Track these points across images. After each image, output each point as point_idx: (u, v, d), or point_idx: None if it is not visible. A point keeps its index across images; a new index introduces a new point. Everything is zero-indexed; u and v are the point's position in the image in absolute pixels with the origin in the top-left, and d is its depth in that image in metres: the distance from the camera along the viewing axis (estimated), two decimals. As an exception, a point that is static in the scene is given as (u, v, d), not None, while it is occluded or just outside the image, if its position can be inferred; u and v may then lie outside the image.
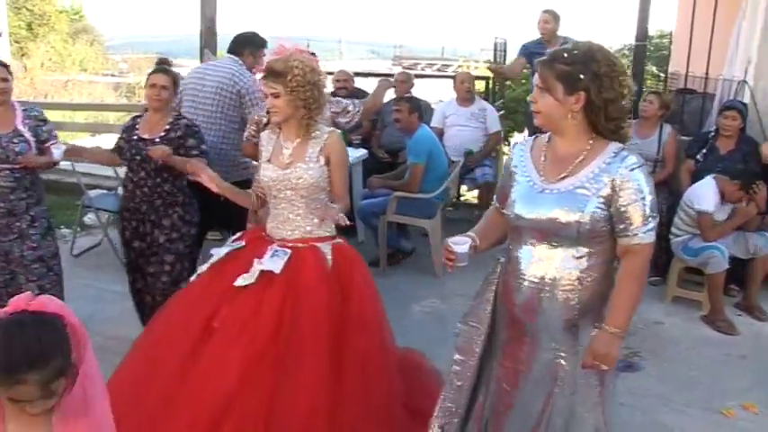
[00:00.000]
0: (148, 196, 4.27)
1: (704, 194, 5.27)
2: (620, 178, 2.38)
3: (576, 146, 2.46)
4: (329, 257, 3.28)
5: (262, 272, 3.16)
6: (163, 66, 4.46)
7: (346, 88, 7.05)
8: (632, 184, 2.37)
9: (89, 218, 6.84)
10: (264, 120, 4.40)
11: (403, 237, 6.19)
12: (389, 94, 7.36)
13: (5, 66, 4.20)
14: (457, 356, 2.79)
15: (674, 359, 4.68)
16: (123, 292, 4.70)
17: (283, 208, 3.34)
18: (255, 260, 3.21)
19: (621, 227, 2.41)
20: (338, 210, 3.12)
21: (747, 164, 5.63)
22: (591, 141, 2.44)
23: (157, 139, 4.20)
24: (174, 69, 4.52)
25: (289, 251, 3.23)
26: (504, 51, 9.01)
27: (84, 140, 11.39)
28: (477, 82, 8.20)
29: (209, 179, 3.34)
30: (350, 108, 4.79)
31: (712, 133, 5.93)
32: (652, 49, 12.96)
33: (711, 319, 5.19)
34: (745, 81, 6.29)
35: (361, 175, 6.56)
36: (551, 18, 6.75)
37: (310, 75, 3.24)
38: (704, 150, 5.85)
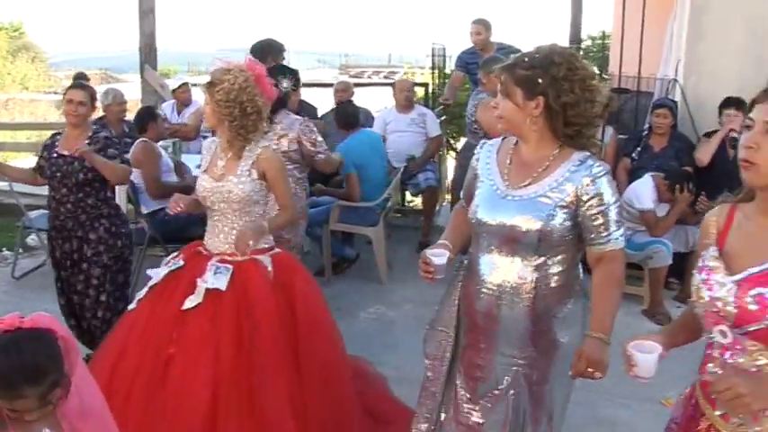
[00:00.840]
0: (72, 212, 4.22)
1: (642, 193, 5.38)
2: (585, 187, 2.36)
3: (540, 152, 2.44)
4: (270, 268, 3.29)
5: (207, 290, 3.17)
6: (79, 81, 4.44)
7: None
8: (597, 193, 2.36)
9: (32, 239, 6.70)
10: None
11: (347, 245, 6.20)
12: (330, 103, 7.41)
13: None
14: (427, 362, 2.76)
15: (615, 353, 4.75)
16: None
17: (218, 220, 3.35)
18: (198, 279, 3.21)
19: (592, 236, 2.40)
20: (251, 235, 3.16)
21: (680, 160, 5.77)
22: (557, 149, 2.42)
23: (77, 155, 4.15)
24: (115, 85, 4.52)
25: (230, 267, 3.23)
26: (444, 56, 9.09)
27: (28, 160, 11.15)
28: (417, 88, 8.28)
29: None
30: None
31: (646, 132, 6.07)
32: (595, 50, 13.17)
33: (652, 313, 5.30)
34: (675, 79, 6.46)
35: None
36: (482, 28, 6.82)
37: (237, 93, 3.25)
38: (639, 149, 5.99)
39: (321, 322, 3.37)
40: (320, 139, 4.74)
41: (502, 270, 2.48)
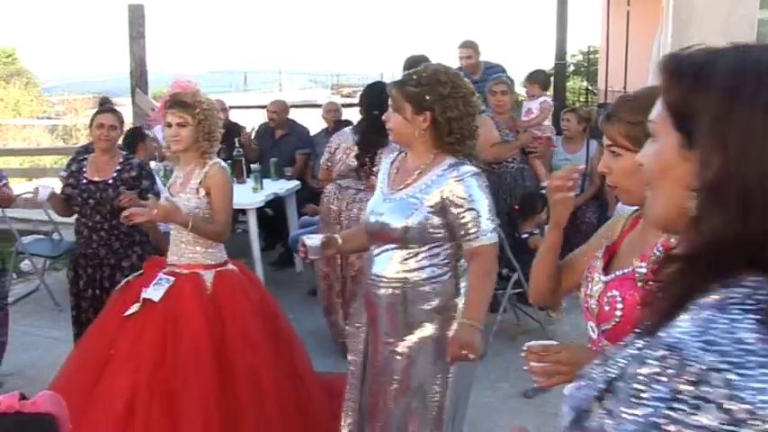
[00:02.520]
0: (106, 240, 4.19)
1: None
2: (449, 188, 2.58)
3: (420, 159, 2.69)
4: (209, 284, 3.46)
5: (144, 300, 3.38)
6: (108, 105, 4.46)
7: (273, 120, 7.11)
8: (462, 193, 2.58)
9: (25, 264, 6.71)
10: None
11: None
12: (321, 124, 7.44)
13: None
14: (349, 357, 3.00)
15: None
16: (62, 338, 4.64)
17: (174, 235, 3.55)
18: (143, 289, 3.42)
19: (461, 233, 2.61)
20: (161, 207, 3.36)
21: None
22: (432, 155, 2.66)
23: (110, 181, 4.16)
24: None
25: (172, 279, 3.43)
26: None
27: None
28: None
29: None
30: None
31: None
32: (586, 65, 13.22)
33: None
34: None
35: (295, 206, 6.58)
36: (472, 52, 6.69)
37: (213, 110, 3.50)
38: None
39: (258, 338, 3.46)
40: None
41: (381, 263, 2.73)
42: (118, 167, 4.20)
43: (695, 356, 0.83)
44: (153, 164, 6.01)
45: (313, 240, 2.83)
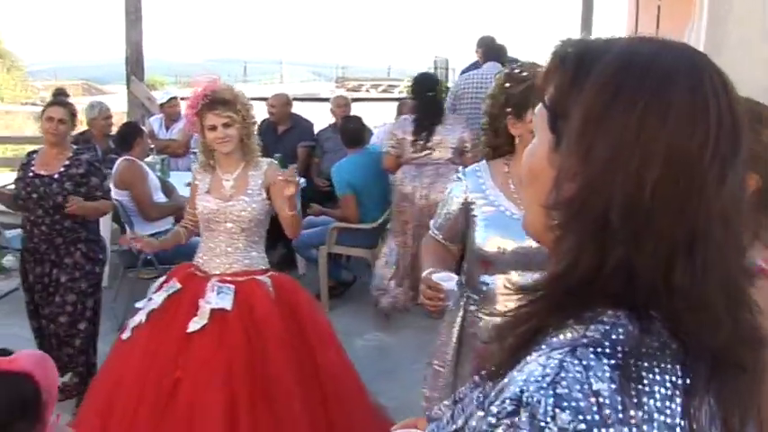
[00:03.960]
0: (47, 235, 4.23)
1: None
2: None
3: None
4: (271, 288, 3.44)
5: (212, 311, 3.28)
6: (60, 98, 4.49)
7: (273, 114, 7.17)
8: None
9: (8, 260, 6.74)
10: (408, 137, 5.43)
11: (343, 267, 6.25)
12: (328, 119, 7.48)
13: None
14: (423, 404, 2.76)
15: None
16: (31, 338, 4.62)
17: (221, 240, 3.47)
18: (201, 300, 3.32)
19: None
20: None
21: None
22: None
23: (56, 175, 4.20)
24: (99, 97, 4.58)
25: (232, 286, 3.36)
26: (446, 69, 9.13)
27: (4, 175, 11.18)
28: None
29: (146, 245, 3.70)
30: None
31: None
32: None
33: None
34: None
35: (300, 206, 6.54)
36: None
37: (249, 103, 3.49)
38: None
39: (331, 336, 3.57)
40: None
41: (489, 296, 2.51)
42: (66, 162, 4.24)
43: (549, 415, 0.75)
44: (149, 158, 6.05)
45: (450, 283, 2.38)
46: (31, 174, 4.23)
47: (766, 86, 5.78)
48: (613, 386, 0.76)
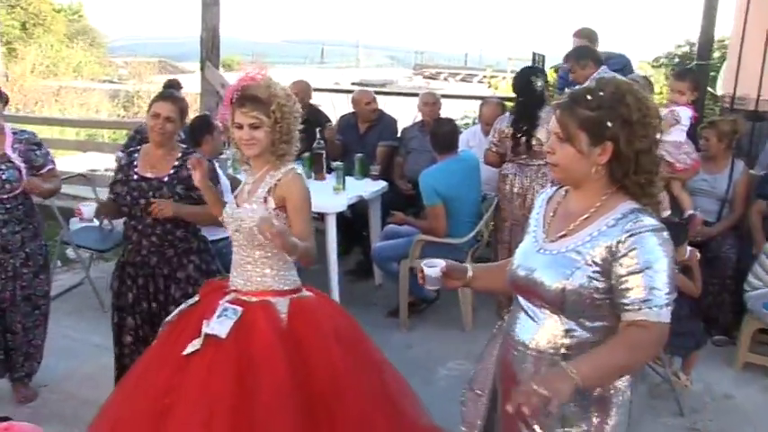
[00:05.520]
0: (158, 246, 3.82)
1: None
2: (622, 243, 2.14)
3: (588, 201, 2.28)
4: (284, 314, 3.08)
5: (207, 335, 2.99)
6: (169, 91, 4.05)
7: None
8: (636, 250, 2.12)
9: (72, 252, 6.45)
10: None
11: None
12: (415, 117, 6.99)
13: None
14: (463, 429, 2.70)
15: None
16: (102, 346, 4.45)
17: (237, 252, 3.21)
18: (204, 321, 3.04)
19: (622, 301, 2.15)
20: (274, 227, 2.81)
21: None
22: (604, 197, 2.25)
23: (166, 178, 3.78)
24: (174, 76, 4.16)
25: (239, 309, 3.06)
26: (543, 65, 8.59)
27: (75, 157, 11.08)
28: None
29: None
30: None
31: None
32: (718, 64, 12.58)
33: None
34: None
35: (380, 212, 6.15)
36: (587, 43, 6.29)
37: (291, 104, 3.12)
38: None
39: (348, 380, 3.07)
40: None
41: (531, 331, 2.34)
42: (176, 164, 3.81)
43: None
44: (223, 154, 5.65)
45: (433, 269, 2.54)
46: (135, 176, 3.82)
47: None
48: None
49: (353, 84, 23.69)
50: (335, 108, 8.21)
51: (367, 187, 5.99)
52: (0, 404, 4.27)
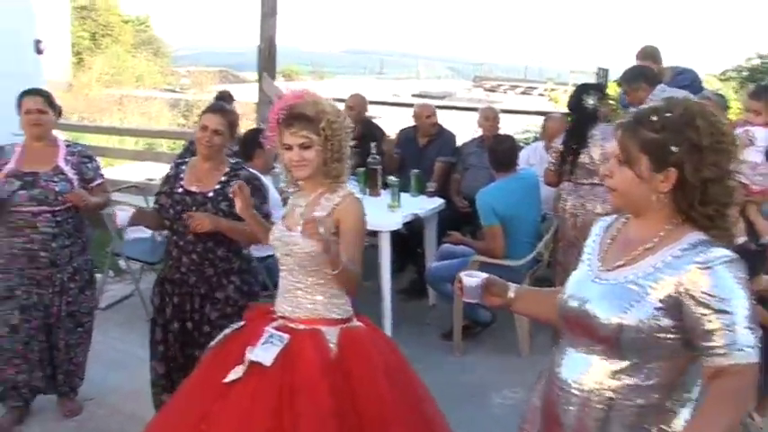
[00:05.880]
0: (198, 264, 3.69)
1: None
2: (690, 277, 1.93)
3: (651, 230, 2.08)
4: (333, 344, 2.90)
5: (251, 363, 2.82)
6: (219, 103, 3.93)
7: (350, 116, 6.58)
8: (711, 286, 1.91)
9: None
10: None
11: (482, 305, 5.54)
12: (474, 132, 6.83)
13: (44, 95, 4.01)
14: None
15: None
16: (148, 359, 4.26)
17: (285, 278, 3.03)
18: (249, 348, 2.87)
19: (703, 343, 1.93)
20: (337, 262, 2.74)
21: None
22: (668, 227, 2.06)
23: (210, 194, 3.65)
24: (235, 86, 4.09)
25: (286, 337, 2.87)
26: (605, 80, 8.40)
27: (133, 165, 11.16)
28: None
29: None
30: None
31: None
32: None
33: None
34: None
35: (436, 231, 5.97)
36: (651, 63, 6.03)
37: (342, 119, 2.97)
38: None
39: (394, 414, 2.86)
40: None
41: (578, 369, 2.14)
42: (222, 179, 3.68)
43: None
44: (276, 168, 5.55)
45: (473, 279, 2.41)
46: (180, 189, 3.70)
47: None
48: None
49: (413, 95, 23.61)
50: (392, 121, 8.12)
51: (423, 204, 5.83)
52: (46, 418, 4.24)
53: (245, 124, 6.77)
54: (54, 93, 4.31)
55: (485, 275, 2.42)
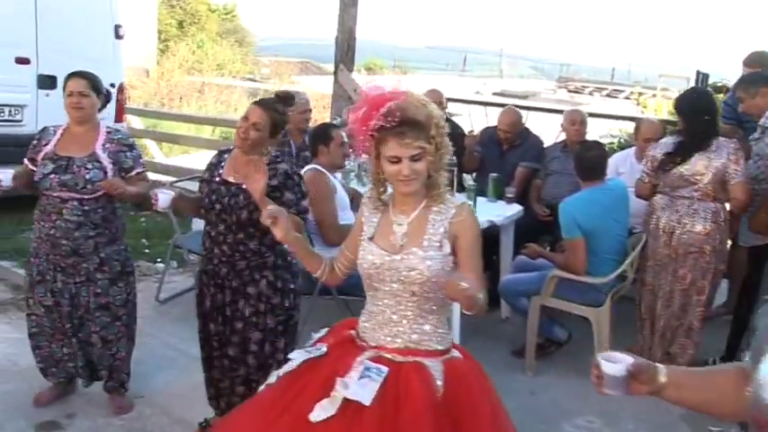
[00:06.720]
0: (229, 256, 3.56)
1: None
2: None
3: None
4: (440, 382, 2.53)
5: (345, 400, 2.43)
6: (266, 100, 3.72)
7: (507, 139, 6.29)
8: None
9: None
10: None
11: (557, 323, 5.17)
12: (558, 135, 6.46)
13: (89, 77, 3.86)
14: None
15: None
16: (200, 359, 4.11)
17: (386, 305, 2.64)
18: (338, 379, 2.49)
19: None
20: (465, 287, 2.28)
21: None
22: None
23: (245, 186, 3.45)
24: (317, 77, 3.86)
25: (385, 370, 2.51)
26: (706, 86, 7.89)
27: (207, 154, 11.08)
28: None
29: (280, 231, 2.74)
30: None
31: None
32: None
33: None
34: None
35: (512, 239, 5.62)
36: (759, 69, 5.58)
37: (444, 122, 2.60)
38: None
39: None
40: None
41: None
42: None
43: None
44: (347, 164, 5.30)
45: (616, 367, 1.85)
46: (217, 179, 3.60)
47: None
48: None
49: (494, 93, 23.15)
50: (474, 120, 7.81)
51: (500, 211, 5.50)
52: (95, 414, 4.10)
53: (320, 117, 6.54)
54: (134, 78, 4.16)
55: (630, 361, 1.87)
